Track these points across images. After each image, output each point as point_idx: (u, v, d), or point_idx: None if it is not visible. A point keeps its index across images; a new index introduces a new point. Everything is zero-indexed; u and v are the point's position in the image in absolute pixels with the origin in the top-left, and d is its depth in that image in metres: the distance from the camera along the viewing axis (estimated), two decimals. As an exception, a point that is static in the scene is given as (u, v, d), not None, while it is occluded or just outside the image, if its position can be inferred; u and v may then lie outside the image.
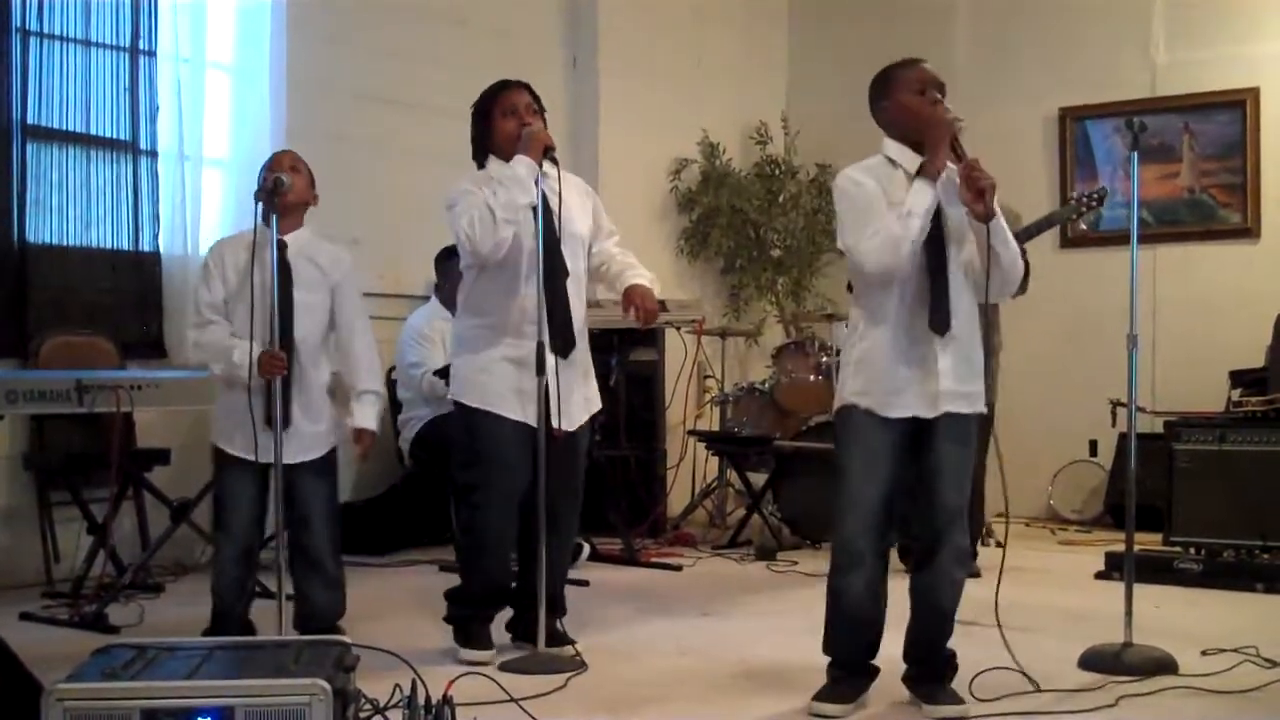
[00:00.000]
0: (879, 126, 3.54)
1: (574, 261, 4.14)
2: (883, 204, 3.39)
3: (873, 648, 3.53)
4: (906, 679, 3.57)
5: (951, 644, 3.55)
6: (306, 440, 4.09)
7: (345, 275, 4.26)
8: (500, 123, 4.10)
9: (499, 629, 4.23)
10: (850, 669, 3.51)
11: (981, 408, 3.49)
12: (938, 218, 3.38)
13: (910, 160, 3.43)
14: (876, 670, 3.56)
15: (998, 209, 3.36)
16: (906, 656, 3.57)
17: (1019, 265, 3.48)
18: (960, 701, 3.44)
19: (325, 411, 4.20)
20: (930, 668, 3.52)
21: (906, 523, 4.77)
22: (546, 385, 3.99)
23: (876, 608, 3.49)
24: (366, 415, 4.25)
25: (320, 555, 4.14)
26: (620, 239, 4.37)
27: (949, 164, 3.37)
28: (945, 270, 3.40)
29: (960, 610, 3.52)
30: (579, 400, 4.15)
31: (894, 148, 3.48)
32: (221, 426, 4.12)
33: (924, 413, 3.41)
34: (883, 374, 3.42)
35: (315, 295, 4.16)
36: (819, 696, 3.49)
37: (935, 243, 3.38)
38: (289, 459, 3.93)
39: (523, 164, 3.99)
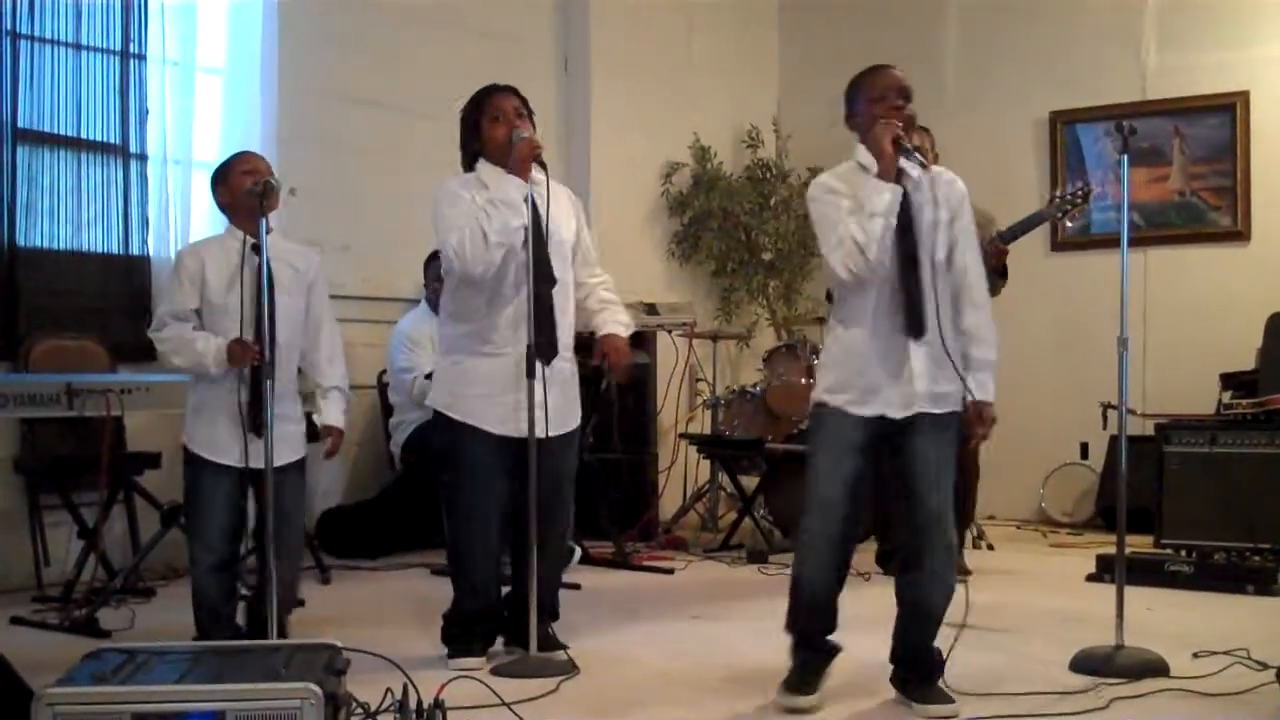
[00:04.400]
0: (853, 132, 3.59)
1: (561, 268, 4.10)
2: (847, 211, 3.41)
3: (828, 631, 3.60)
4: (895, 680, 3.58)
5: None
6: (289, 442, 4.07)
7: (317, 274, 4.27)
8: (489, 128, 4.08)
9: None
10: (812, 646, 3.57)
11: (957, 406, 3.50)
12: (911, 220, 3.41)
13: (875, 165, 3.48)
14: (837, 649, 3.60)
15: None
16: (894, 658, 3.59)
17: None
18: (951, 700, 3.46)
19: (299, 412, 4.20)
20: (918, 668, 3.54)
21: (886, 527, 4.79)
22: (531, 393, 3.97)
23: (832, 598, 3.56)
24: (335, 413, 4.22)
25: (295, 553, 4.15)
26: (601, 265, 4.33)
27: (919, 164, 3.40)
28: (918, 273, 3.43)
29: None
30: (564, 407, 4.11)
31: (863, 153, 3.52)
32: (198, 430, 4.05)
33: (894, 413, 3.44)
34: (856, 373, 3.47)
35: (295, 299, 4.16)
36: (788, 686, 3.53)
37: (907, 245, 3.41)
38: (274, 461, 3.88)
39: (514, 185, 3.97)
